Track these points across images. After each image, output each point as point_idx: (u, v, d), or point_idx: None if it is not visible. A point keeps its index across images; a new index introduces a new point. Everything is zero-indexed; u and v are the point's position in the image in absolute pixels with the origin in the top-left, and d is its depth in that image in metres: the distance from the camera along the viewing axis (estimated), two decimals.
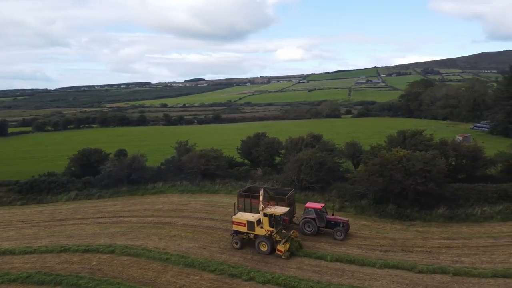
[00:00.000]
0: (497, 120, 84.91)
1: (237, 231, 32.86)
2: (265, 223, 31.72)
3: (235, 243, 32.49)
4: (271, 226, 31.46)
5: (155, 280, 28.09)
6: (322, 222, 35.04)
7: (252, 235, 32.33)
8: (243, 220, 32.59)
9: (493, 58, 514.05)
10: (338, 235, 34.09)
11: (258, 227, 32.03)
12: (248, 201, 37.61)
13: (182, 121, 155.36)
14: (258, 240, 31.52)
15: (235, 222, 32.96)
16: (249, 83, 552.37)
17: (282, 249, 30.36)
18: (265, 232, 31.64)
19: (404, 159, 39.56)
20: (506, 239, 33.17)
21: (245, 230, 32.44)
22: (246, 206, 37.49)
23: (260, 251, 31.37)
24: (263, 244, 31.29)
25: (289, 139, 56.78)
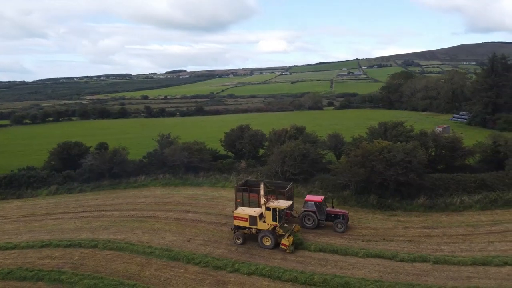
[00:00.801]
0: (475, 111, 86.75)
1: (238, 226, 32.31)
2: (268, 217, 31.44)
3: (237, 238, 31.97)
4: (274, 220, 31.23)
5: (139, 274, 27.96)
6: (323, 215, 35.02)
7: (254, 229, 31.87)
8: (245, 215, 32.05)
9: (471, 50, 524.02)
10: (339, 228, 34.15)
11: (260, 221, 31.67)
12: (246, 195, 37.20)
13: (164, 113, 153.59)
14: (262, 234, 31.14)
15: (236, 217, 32.36)
16: (231, 75, 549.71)
17: (287, 243, 30.16)
18: (268, 226, 31.32)
19: (385, 150, 40.20)
20: (485, 228, 34.14)
21: (247, 225, 31.91)
22: (244, 200, 37.07)
23: (263, 245, 31.04)
24: (267, 238, 30.97)
25: (273, 131, 56.89)
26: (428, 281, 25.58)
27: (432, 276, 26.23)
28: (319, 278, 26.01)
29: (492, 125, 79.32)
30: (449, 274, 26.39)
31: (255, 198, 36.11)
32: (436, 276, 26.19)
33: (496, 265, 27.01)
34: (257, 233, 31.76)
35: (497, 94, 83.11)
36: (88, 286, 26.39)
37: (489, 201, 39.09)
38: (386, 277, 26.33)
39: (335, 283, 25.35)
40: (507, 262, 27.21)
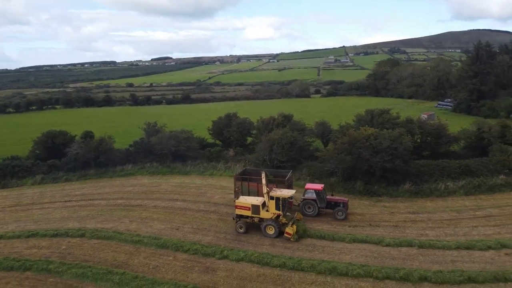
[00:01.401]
0: (460, 98, 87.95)
1: (240, 215, 32.11)
2: (271, 206, 31.28)
3: (240, 227, 31.78)
4: (278, 209, 31.14)
5: (128, 262, 27.97)
6: (323, 203, 35.13)
7: (257, 218, 31.73)
8: (247, 204, 31.87)
9: (457, 37, 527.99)
10: (340, 215, 34.31)
11: (263, 210, 31.64)
12: (245, 184, 36.90)
13: (149, 101, 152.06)
14: (265, 223, 31.01)
15: (238, 206, 32.15)
16: (218, 62, 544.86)
17: (291, 231, 30.16)
18: (271, 215, 31.23)
19: (372, 137, 40.54)
20: (469, 213, 34.90)
21: (249, 214, 31.73)
22: (243, 189, 36.77)
23: (267, 234, 30.91)
24: (270, 227, 30.88)
25: (261, 119, 56.84)
26: (413, 265, 26.11)
27: (417, 260, 26.78)
28: (307, 263, 26.38)
29: (477, 112, 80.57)
30: (434, 258, 26.96)
31: (254, 187, 35.86)
32: (421, 260, 26.74)
33: (480, 249, 27.66)
34: (259, 222, 31.67)
35: (481, 82, 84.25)
36: (77, 275, 26.32)
37: (473, 187, 39.86)
38: (373, 261, 26.81)
39: (323, 268, 25.76)
40: (491, 246, 27.88)
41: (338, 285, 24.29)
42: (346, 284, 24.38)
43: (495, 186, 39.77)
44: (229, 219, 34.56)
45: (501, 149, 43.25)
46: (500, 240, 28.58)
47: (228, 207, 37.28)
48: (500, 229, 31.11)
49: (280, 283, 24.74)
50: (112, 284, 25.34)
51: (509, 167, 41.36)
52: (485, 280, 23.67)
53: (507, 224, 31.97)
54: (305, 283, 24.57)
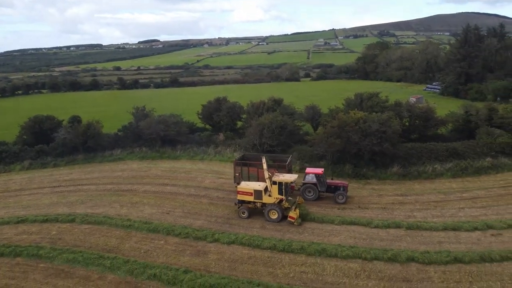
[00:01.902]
0: (448, 81, 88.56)
1: (242, 200, 32.07)
2: (274, 191, 31.21)
3: (242, 213, 31.75)
4: (280, 194, 31.10)
5: (119, 247, 28.00)
6: (323, 186, 35.19)
7: (259, 203, 31.72)
8: (249, 189, 31.72)
9: (446, 20, 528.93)
10: (340, 199, 34.44)
11: (265, 195, 31.54)
12: (245, 169, 36.67)
13: (137, 85, 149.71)
14: (268, 208, 30.93)
15: (240, 191, 32.00)
16: (206, 45, 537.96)
17: (295, 215, 30.22)
18: (274, 200, 31.22)
19: (361, 121, 40.80)
20: (455, 195, 35.53)
21: (251, 199, 31.66)
22: (243, 174, 36.64)
23: (270, 219, 30.85)
24: (273, 212, 30.82)
25: (251, 103, 56.67)
26: (401, 246, 26.58)
27: (405, 241, 27.26)
28: (297, 245, 26.70)
29: (464, 95, 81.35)
30: (421, 239, 27.48)
31: (254, 172, 35.73)
32: (409, 241, 27.24)
33: (466, 230, 28.22)
34: (262, 207, 31.72)
35: (469, 65, 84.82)
36: (67, 260, 26.28)
37: (460, 169, 40.56)
38: (361, 243, 27.23)
39: (312, 250, 26.10)
40: (477, 227, 28.46)
41: (328, 266, 24.66)
42: (335, 265, 24.75)
43: (482, 169, 40.49)
44: (220, 203, 34.82)
45: (488, 132, 43.85)
46: (486, 221, 29.17)
47: (219, 191, 37.50)
48: (486, 210, 31.77)
49: (271, 265, 25.06)
50: (104, 268, 25.36)
51: (496, 150, 42.05)
52: (471, 260, 24.19)
53: (493, 205, 32.66)
54: (295, 265, 24.92)
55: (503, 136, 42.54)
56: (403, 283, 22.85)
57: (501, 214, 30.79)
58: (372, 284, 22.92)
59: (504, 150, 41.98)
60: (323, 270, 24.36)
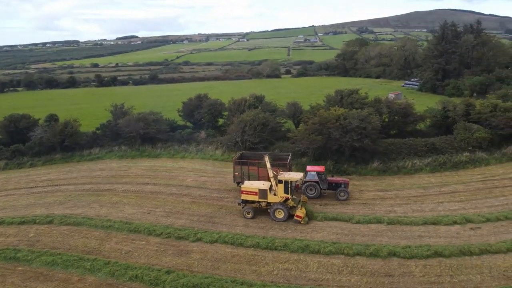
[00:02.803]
0: (426, 77, 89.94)
1: (246, 200, 31.44)
2: (279, 190, 30.75)
3: (247, 213, 31.10)
4: (286, 193, 30.66)
5: (99, 248, 27.48)
6: (325, 184, 35.02)
7: (264, 203, 31.21)
8: (254, 189, 31.13)
9: (423, 17, 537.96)
10: (342, 196, 34.40)
11: (270, 194, 31.13)
12: (245, 168, 35.90)
13: (115, 82, 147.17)
14: (274, 207, 30.46)
15: (244, 191, 31.35)
16: (186, 41, 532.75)
17: (301, 214, 29.92)
18: (279, 199, 30.83)
19: (341, 118, 41.11)
20: (434, 189, 36.20)
21: (256, 198, 31.08)
22: (244, 173, 35.83)
23: (276, 218, 30.42)
24: (279, 211, 30.41)
25: (232, 100, 56.31)
26: (382, 241, 26.97)
27: (386, 236, 27.66)
28: (280, 242, 26.78)
29: (442, 91, 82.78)
30: (402, 233, 27.92)
31: (254, 171, 35.26)
32: (390, 236, 27.64)
33: (446, 224, 28.83)
34: (267, 206, 31.33)
35: (446, 61, 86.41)
36: (46, 263, 25.68)
37: (439, 164, 41.35)
38: (343, 238, 27.50)
39: (296, 246, 26.23)
40: (456, 221, 29.10)
41: (311, 263, 24.80)
42: (318, 261, 24.91)
43: (460, 163, 41.38)
44: (202, 201, 34.53)
45: (465, 127, 44.72)
46: (465, 215, 29.87)
47: (201, 190, 37.19)
48: (465, 204, 32.50)
49: (254, 263, 25.01)
50: (84, 270, 24.87)
51: (473, 145, 42.97)
52: (451, 254, 24.73)
53: (471, 199, 33.44)
54: (279, 262, 24.96)
55: (480, 131, 43.45)
56: (385, 278, 23.15)
57: (479, 208, 31.54)
58: (355, 279, 23.15)
59: (481, 145, 42.93)
60: (306, 266, 24.49)
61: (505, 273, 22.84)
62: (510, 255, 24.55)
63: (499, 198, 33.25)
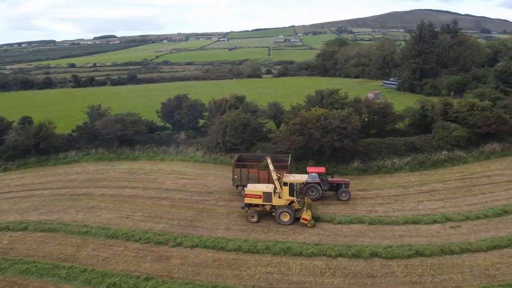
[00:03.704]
0: (404, 77, 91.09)
1: (249, 203, 30.68)
2: (284, 192, 30.15)
3: (251, 217, 30.26)
4: (291, 195, 30.10)
5: (75, 255, 26.64)
6: (326, 185, 34.63)
7: (268, 206, 30.49)
8: (258, 192, 30.37)
9: (400, 17, 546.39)
10: (343, 196, 34.15)
11: (275, 197, 30.48)
12: (245, 171, 35.11)
13: (93, 83, 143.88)
14: (280, 210, 29.82)
15: (248, 194, 30.56)
16: (166, 40, 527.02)
17: (308, 217, 29.34)
18: (284, 202, 30.22)
19: (322, 118, 41.24)
20: (414, 188, 36.53)
21: (260, 202, 30.35)
22: (242, 176, 35.24)
23: (281, 222, 29.74)
24: (285, 214, 29.77)
25: (213, 100, 55.57)
26: (364, 241, 26.95)
27: (368, 236, 27.67)
28: (262, 245, 26.46)
29: (420, 90, 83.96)
30: (384, 233, 27.98)
31: (255, 173, 34.69)
32: (372, 236, 27.66)
33: (426, 223, 29.04)
34: (271, 209, 30.66)
35: (424, 61, 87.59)
36: (20, 272, 24.81)
37: (418, 163, 41.83)
38: (326, 239, 27.40)
39: (278, 249, 25.96)
40: (436, 220, 29.35)
41: (293, 265, 24.55)
42: (301, 263, 24.70)
43: (438, 162, 41.96)
44: (182, 204, 33.88)
45: (443, 126, 45.34)
46: (445, 214, 30.17)
47: (181, 193, 36.54)
48: (444, 203, 32.85)
49: (236, 267, 24.60)
50: (59, 279, 24.08)
51: (451, 143, 43.63)
52: (432, 253, 24.87)
53: (451, 198, 33.85)
54: (261, 265, 24.63)
55: (458, 129, 44.11)
56: (368, 279, 23.09)
57: (458, 206, 31.93)
58: (338, 281, 23.01)
59: (459, 143, 43.61)
60: (289, 269, 24.24)
61: (485, 271, 23.07)
62: (490, 253, 24.86)
63: (478, 196, 33.76)
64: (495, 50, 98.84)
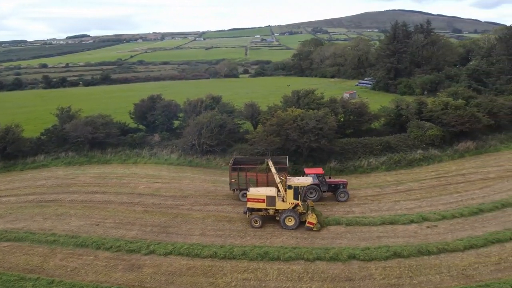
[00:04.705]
0: (379, 77, 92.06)
1: (252, 208, 29.73)
2: (289, 196, 29.29)
3: (255, 222, 29.31)
4: (296, 199, 29.25)
5: (42, 266, 25.38)
6: (325, 186, 34.15)
7: (272, 210, 29.67)
8: (261, 196, 29.47)
9: (374, 17, 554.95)
10: (342, 197, 33.74)
11: (279, 201, 29.64)
12: (243, 174, 34.08)
13: (65, 83, 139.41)
14: (285, 215, 28.95)
15: (250, 199, 29.63)
16: (141, 40, 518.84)
17: (314, 220, 28.50)
18: (288, 205, 29.31)
19: (299, 118, 41.09)
20: (391, 188, 36.60)
21: (263, 206, 29.46)
22: (240, 180, 34.14)
23: (286, 226, 28.88)
24: (290, 218, 28.92)
25: (188, 101, 54.37)
26: (342, 243, 26.68)
27: (345, 238, 27.41)
28: (239, 250, 25.81)
29: (394, 89, 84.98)
30: (361, 235, 27.77)
31: (253, 177, 33.82)
32: (349, 238, 27.41)
33: (403, 224, 29.00)
34: (275, 214, 29.78)
35: (398, 60, 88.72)
36: None
37: (394, 162, 42.07)
38: (303, 242, 27.01)
39: (255, 254, 25.34)
40: (413, 220, 29.35)
41: (271, 271, 24.00)
42: (278, 268, 24.17)
43: (414, 161, 42.32)
44: (155, 210, 32.82)
45: (418, 125, 45.76)
46: (422, 214, 30.23)
47: (155, 197, 35.42)
48: (421, 202, 32.97)
49: (211, 274, 23.84)
50: None
51: (426, 142, 44.06)
52: (410, 254, 24.76)
53: (427, 197, 34.03)
54: (237, 272, 23.96)
55: (433, 128, 44.59)
56: (346, 282, 22.78)
57: (434, 206, 32.09)
58: (316, 286, 22.65)
59: (433, 142, 44.07)
60: (266, 275, 23.66)
61: (463, 272, 23.08)
62: (467, 253, 24.96)
63: (453, 195, 34.05)
64: (467, 49, 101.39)
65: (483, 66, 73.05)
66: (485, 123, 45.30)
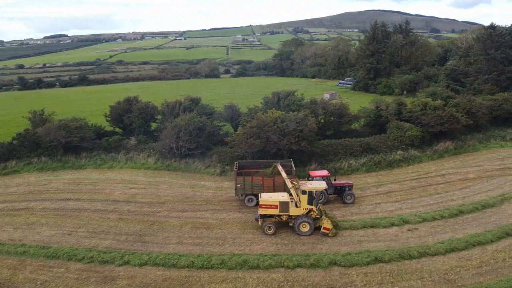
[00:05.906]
0: (359, 77, 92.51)
1: (264, 214, 28.82)
2: (303, 201, 28.41)
3: (268, 229, 28.36)
4: (310, 204, 28.41)
5: (11, 279, 24.10)
6: (331, 189, 33.48)
7: (285, 216, 28.83)
8: (274, 202, 28.58)
9: (354, 18, 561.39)
10: (349, 199, 33.17)
11: (292, 206, 28.79)
12: (249, 179, 33.12)
13: (41, 85, 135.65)
14: (299, 220, 28.08)
15: (263, 205, 28.66)
16: (120, 39, 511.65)
17: (329, 226, 27.66)
18: (302, 211, 28.42)
19: (279, 121, 40.54)
20: (371, 190, 36.30)
21: (276, 212, 28.59)
22: (246, 185, 33.18)
23: (300, 232, 28.07)
24: (304, 224, 28.10)
25: (165, 103, 53.01)
26: (322, 249, 26.16)
27: (326, 243, 26.90)
28: (217, 259, 25.02)
29: (374, 89, 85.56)
30: (342, 239, 27.29)
31: (259, 181, 33.00)
32: (330, 243, 26.91)
33: (384, 227, 28.69)
34: (288, 220, 28.87)
35: (378, 60, 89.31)
36: None
37: (374, 163, 41.85)
38: (283, 249, 26.41)
39: (233, 263, 24.62)
40: (393, 223, 29.08)
41: (250, 280, 23.27)
42: (257, 277, 23.46)
43: (394, 162, 42.19)
44: (131, 217, 31.66)
45: (398, 126, 45.71)
46: (402, 216, 30.01)
47: (131, 204, 34.20)
48: (401, 204, 32.73)
49: (188, 285, 22.93)
50: None
51: (406, 143, 44.03)
52: (391, 259, 24.41)
53: (407, 199, 33.82)
54: (215, 282, 23.13)
55: (412, 129, 44.58)
56: None
57: (415, 208, 31.90)
58: None
59: (413, 143, 44.09)
60: (245, 284, 22.93)
61: (445, 276, 22.79)
62: (449, 256, 24.75)
63: (433, 196, 33.95)
64: (445, 49, 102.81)
65: (461, 66, 73.91)
66: (464, 123, 45.57)
